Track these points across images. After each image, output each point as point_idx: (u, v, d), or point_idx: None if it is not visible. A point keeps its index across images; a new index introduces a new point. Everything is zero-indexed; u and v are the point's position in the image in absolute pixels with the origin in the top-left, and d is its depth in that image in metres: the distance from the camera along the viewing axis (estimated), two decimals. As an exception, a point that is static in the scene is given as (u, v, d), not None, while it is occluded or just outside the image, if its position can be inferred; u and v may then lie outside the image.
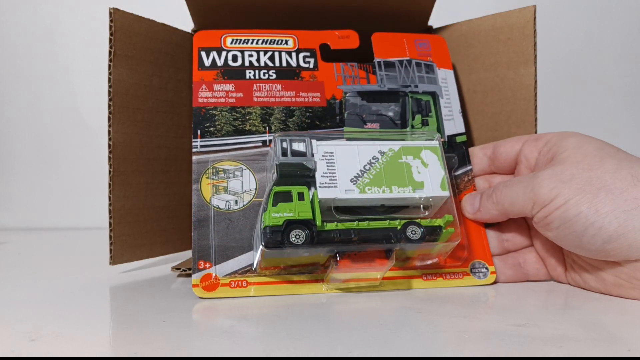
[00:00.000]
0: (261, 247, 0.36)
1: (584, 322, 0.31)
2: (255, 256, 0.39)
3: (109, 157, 0.45)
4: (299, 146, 0.39)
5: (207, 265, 0.38)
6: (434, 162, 0.40)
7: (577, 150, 0.36)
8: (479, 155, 0.45)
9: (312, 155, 0.39)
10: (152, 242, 0.50)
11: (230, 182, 0.41)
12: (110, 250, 0.45)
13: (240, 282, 0.38)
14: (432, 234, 0.38)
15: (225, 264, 0.38)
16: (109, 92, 0.44)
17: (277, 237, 0.36)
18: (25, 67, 0.95)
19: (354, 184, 0.38)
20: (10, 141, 0.96)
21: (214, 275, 0.38)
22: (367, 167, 0.39)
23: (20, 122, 0.96)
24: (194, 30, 0.52)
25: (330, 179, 0.38)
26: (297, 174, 0.39)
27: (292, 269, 0.39)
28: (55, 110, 0.95)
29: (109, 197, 0.45)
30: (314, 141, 0.39)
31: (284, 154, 0.39)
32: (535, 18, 0.49)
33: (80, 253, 0.64)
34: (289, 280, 0.39)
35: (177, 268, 0.48)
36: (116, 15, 0.44)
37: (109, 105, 0.44)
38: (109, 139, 0.45)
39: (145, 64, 0.48)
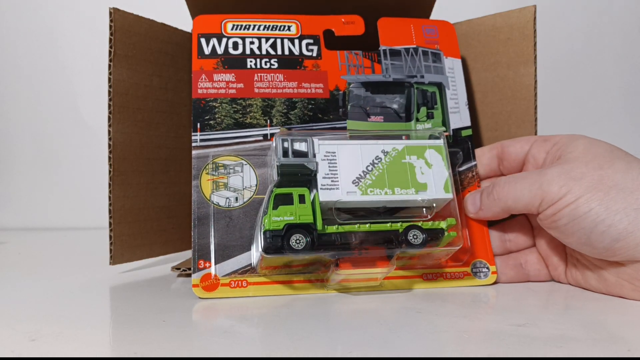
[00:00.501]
0: (261, 251, 0.36)
1: (584, 322, 0.31)
2: (255, 256, 0.39)
3: (109, 157, 0.45)
4: (301, 146, 0.39)
5: (207, 264, 0.38)
6: (438, 163, 0.40)
7: (587, 150, 0.36)
8: (488, 155, 0.44)
9: (314, 155, 0.39)
10: (152, 242, 0.50)
11: (231, 179, 0.40)
12: (110, 250, 0.45)
13: (240, 282, 0.38)
14: (433, 237, 0.38)
15: (225, 264, 0.38)
16: (109, 92, 0.44)
17: (277, 242, 0.35)
18: (25, 67, 0.95)
19: (356, 185, 0.38)
20: (10, 141, 0.96)
21: (213, 274, 0.38)
22: (369, 168, 0.38)
23: (20, 122, 0.96)
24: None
25: (332, 181, 0.38)
26: (298, 175, 0.38)
27: (293, 269, 0.39)
28: (55, 110, 0.95)
29: (109, 197, 0.45)
30: (315, 140, 0.39)
31: (285, 154, 0.38)
32: (535, 18, 0.49)
33: (80, 253, 0.64)
34: (289, 281, 0.39)
35: (177, 268, 0.48)
36: (116, 15, 0.44)
37: (109, 105, 0.44)
38: (109, 139, 0.45)
39: (145, 64, 0.48)
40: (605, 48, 0.92)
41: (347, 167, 0.38)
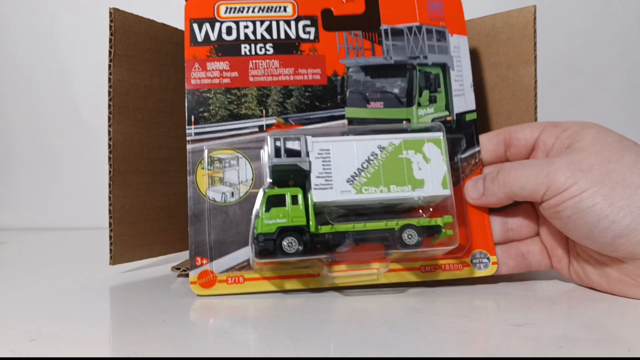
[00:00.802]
0: (253, 256, 0.36)
1: (584, 322, 0.31)
2: (251, 252, 0.38)
3: (109, 157, 0.45)
4: (294, 144, 0.38)
5: (204, 261, 0.38)
6: (437, 157, 0.39)
7: (597, 140, 0.36)
8: (494, 141, 0.43)
9: (307, 154, 0.37)
10: (152, 242, 0.50)
11: (226, 173, 0.40)
12: (110, 250, 0.45)
13: (237, 278, 0.38)
14: (429, 235, 0.37)
15: (222, 260, 0.38)
16: (109, 92, 0.44)
17: (269, 246, 0.35)
18: (25, 67, 0.95)
19: (350, 184, 0.37)
20: (10, 141, 0.96)
21: (210, 271, 0.38)
22: (364, 165, 0.38)
23: (20, 122, 0.96)
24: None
25: (326, 180, 0.37)
26: (291, 176, 0.38)
27: (289, 265, 0.38)
28: (55, 110, 0.95)
29: (109, 197, 0.45)
30: (309, 138, 0.38)
31: (278, 154, 0.37)
32: (535, 18, 0.49)
33: (80, 253, 0.64)
34: (286, 276, 0.39)
35: (177, 268, 0.48)
36: (116, 15, 0.44)
37: (109, 105, 0.44)
38: (109, 139, 0.45)
39: (145, 64, 0.48)
40: (605, 48, 0.92)
41: (342, 165, 0.37)
